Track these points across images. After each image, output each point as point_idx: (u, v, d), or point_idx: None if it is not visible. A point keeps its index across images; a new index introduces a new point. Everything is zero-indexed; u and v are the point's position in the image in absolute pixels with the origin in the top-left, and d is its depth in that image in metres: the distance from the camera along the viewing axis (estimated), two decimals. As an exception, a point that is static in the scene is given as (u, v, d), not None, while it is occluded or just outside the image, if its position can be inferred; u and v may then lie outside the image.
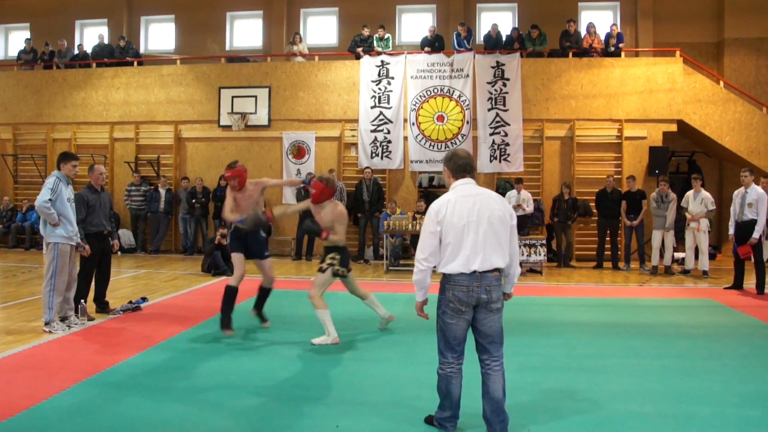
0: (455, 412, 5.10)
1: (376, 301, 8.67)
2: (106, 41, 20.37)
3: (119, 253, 17.48)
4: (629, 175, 15.89)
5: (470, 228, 4.84)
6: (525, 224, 15.29)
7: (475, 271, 4.83)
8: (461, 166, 5.04)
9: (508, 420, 4.96)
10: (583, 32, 17.62)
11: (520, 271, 5.20)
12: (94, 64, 19.57)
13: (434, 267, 4.97)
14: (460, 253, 4.84)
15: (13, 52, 22.17)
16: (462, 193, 4.95)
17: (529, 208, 15.40)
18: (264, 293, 8.94)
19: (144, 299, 10.38)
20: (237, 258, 8.63)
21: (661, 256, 14.66)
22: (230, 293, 8.46)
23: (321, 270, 8.17)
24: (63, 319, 8.53)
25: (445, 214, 4.87)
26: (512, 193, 15.45)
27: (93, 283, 9.51)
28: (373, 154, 17.54)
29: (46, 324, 8.29)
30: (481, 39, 18.61)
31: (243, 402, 5.72)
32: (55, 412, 5.40)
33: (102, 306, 9.63)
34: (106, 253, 9.64)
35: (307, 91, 18.14)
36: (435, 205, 4.98)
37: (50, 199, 8.26)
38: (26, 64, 20.37)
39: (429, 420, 5.25)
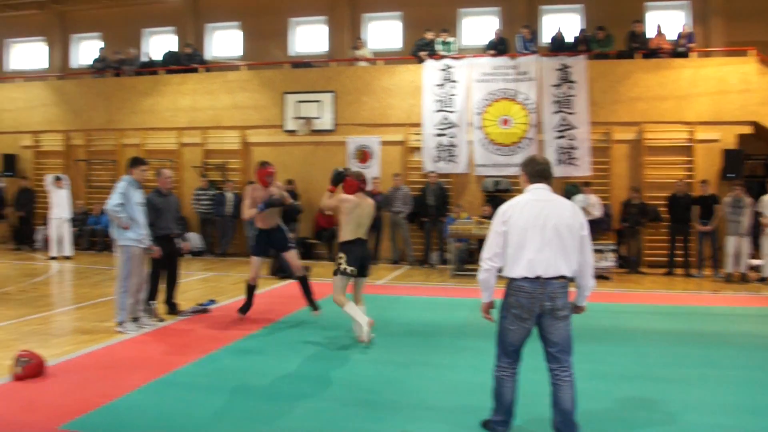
0: (506, 417, 5.08)
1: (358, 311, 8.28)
2: (173, 49, 20.74)
3: (190, 255, 17.78)
4: (702, 179, 15.47)
5: (535, 232, 4.80)
6: (593, 229, 14.93)
7: (539, 277, 4.78)
8: (538, 172, 5.06)
9: (578, 430, 4.93)
10: (651, 33, 17.23)
11: (594, 284, 5.07)
12: (161, 71, 19.93)
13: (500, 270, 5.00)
14: (523, 257, 4.81)
15: (86, 61, 22.74)
16: (533, 197, 4.96)
17: (598, 212, 15.08)
18: (303, 283, 9.38)
19: (212, 301, 10.54)
20: (255, 260, 9.44)
21: (737, 262, 14.23)
22: (250, 288, 9.58)
23: (333, 272, 8.27)
24: (134, 320, 8.69)
25: (512, 215, 4.90)
26: (579, 197, 15.18)
27: (163, 285, 9.67)
28: (438, 158, 17.45)
29: (119, 324, 8.45)
30: (546, 41, 18.37)
31: (309, 404, 5.72)
32: (127, 410, 5.52)
33: (171, 307, 9.80)
34: (174, 256, 9.82)
35: (371, 95, 18.15)
36: (504, 206, 5.04)
37: (121, 203, 8.40)
38: (97, 73, 20.87)
39: (485, 424, 5.23)
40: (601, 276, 14.34)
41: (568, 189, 16.34)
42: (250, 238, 9.45)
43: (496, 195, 16.83)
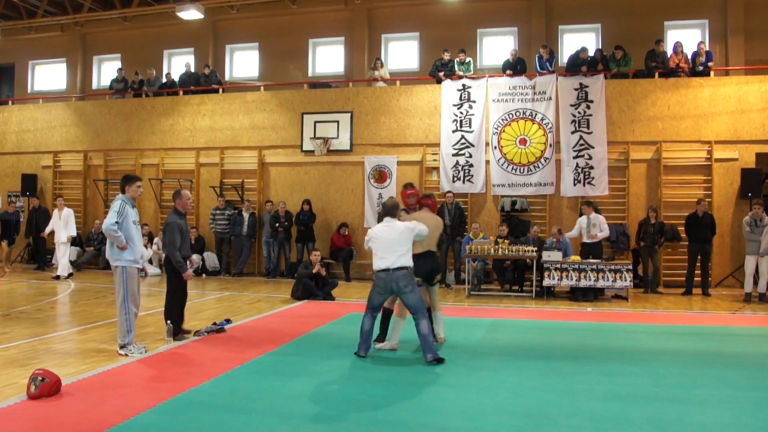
0: (367, 343, 8.32)
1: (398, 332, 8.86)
2: (192, 69, 20.92)
3: (204, 275, 17.83)
4: (720, 198, 15.39)
5: (386, 244, 8.13)
6: (600, 251, 14.53)
7: (388, 269, 8.03)
8: (387, 211, 8.40)
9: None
10: (669, 52, 17.19)
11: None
12: (181, 92, 20.12)
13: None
14: (379, 258, 8.15)
15: (106, 82, 23.02)
16: (385, 225, 8.28)
17: (603, 233, 14.59)
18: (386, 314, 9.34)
19: (228, 321, 10.50)
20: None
21: (756, 282, 14.07)
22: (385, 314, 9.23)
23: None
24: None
25: (376, 236, 8.26)
26: (582, 220, 14.81)
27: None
28: (455, 178, 17.45)
29: (122, 347, 8.27)
30: (564, 61, 18.36)
31: (322, 425, 5.65)
32: (142, 430, 5.48)
33: (179, 326, 9.59)
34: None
35: (388, 115, 18.21)
36: (371, 231, 8.41)
37: (117, 222, 8.21)
38: (117, 93, 21.09)
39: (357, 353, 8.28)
40: (618, 296, 14.25)
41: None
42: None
43: (513, 215, 16.78)
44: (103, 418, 5.67)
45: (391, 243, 8.09)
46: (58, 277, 16.65)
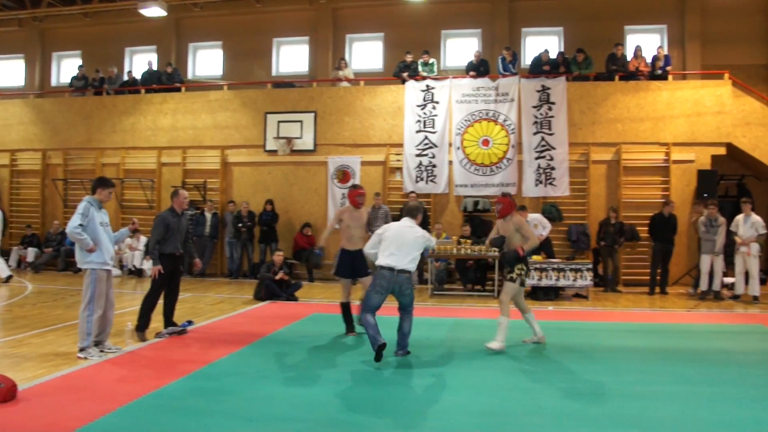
0: (379, 339, 7.77)
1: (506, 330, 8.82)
2: (154, 68, 20.74)
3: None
4: (677, 198, 15.77)
5: (396, 243, 8.18)
6: (550, 247, 15.01)
7: (393, 268, 8.08)
8: (407, 211, 8.63)
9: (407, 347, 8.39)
10: (629, 55, 17.46)
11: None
12: (142, 90, 19.93)
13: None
14: (387, 255, 8.16)
15: (66, 79, 22.71)
16: (404, 224, 8.44)
17: (546, 229, 14.84)
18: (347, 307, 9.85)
19: (190, 322, 10.42)
20: (344, 282, 9.88)
21: (711, 280, 14.37)
22: (346, 307, 9.87)
23: (510, 279, 8.97)
24: (97, 344, 8.39)
25: (393, 231, 8.35)
26: (529, 219, 14.87)
27: (162, 301, 9.76)
28: (418, 179, 17.54)
29: (81, 350, 8.14)
30: (527, 63, 18.56)
31: (285, 426, 5.68)
32: (101, 435, 5.43)
33: (171, 325, 9.77)
34: (176, 274, 9.83)
35: (352, 115, 18.25)
36: (386, 226, 8.58)
37: (81, 225, 8.15)
38: (77, 91, 20.81)
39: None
40: (578, 295, 14.45)
41: (547, 209, 16.48)
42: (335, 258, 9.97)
43: (476, 215, 16.91)
44: (60, 423, 5.59)
45: (405, 244, 8.17)
46: (8, 279, 16.15)
